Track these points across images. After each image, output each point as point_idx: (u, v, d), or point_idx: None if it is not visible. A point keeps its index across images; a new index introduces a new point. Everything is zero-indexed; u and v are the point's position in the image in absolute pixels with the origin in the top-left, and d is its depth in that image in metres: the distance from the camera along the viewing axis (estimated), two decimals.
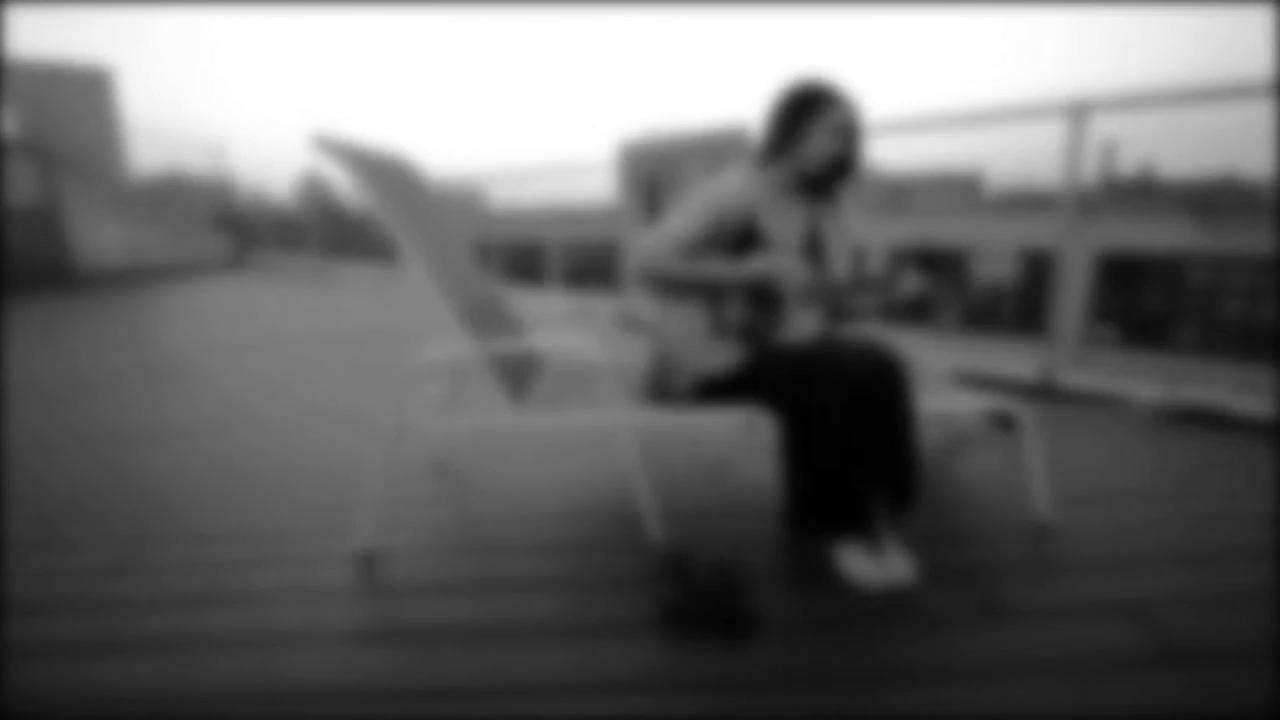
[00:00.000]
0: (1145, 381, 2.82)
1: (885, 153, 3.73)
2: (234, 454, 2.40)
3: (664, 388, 1.79)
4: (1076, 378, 2.96)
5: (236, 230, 13.63)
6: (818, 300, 1.70)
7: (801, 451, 1.52)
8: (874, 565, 1.49)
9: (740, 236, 1.69)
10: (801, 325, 1.71)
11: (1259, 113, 2.59)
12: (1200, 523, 1.71)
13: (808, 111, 1.64)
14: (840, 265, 1.80)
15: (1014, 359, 3.21)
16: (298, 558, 1.65)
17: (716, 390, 1.72)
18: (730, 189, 1.68)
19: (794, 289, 1.62)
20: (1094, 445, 2.29)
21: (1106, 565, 1.53)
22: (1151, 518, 1.75)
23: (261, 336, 4.92)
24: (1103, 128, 2.99)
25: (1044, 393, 2.93)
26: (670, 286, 1.70)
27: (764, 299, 1.69)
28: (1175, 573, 1.49)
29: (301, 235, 13.15)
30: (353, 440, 2.51)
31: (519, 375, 1.83)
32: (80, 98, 10.75)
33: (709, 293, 1.70)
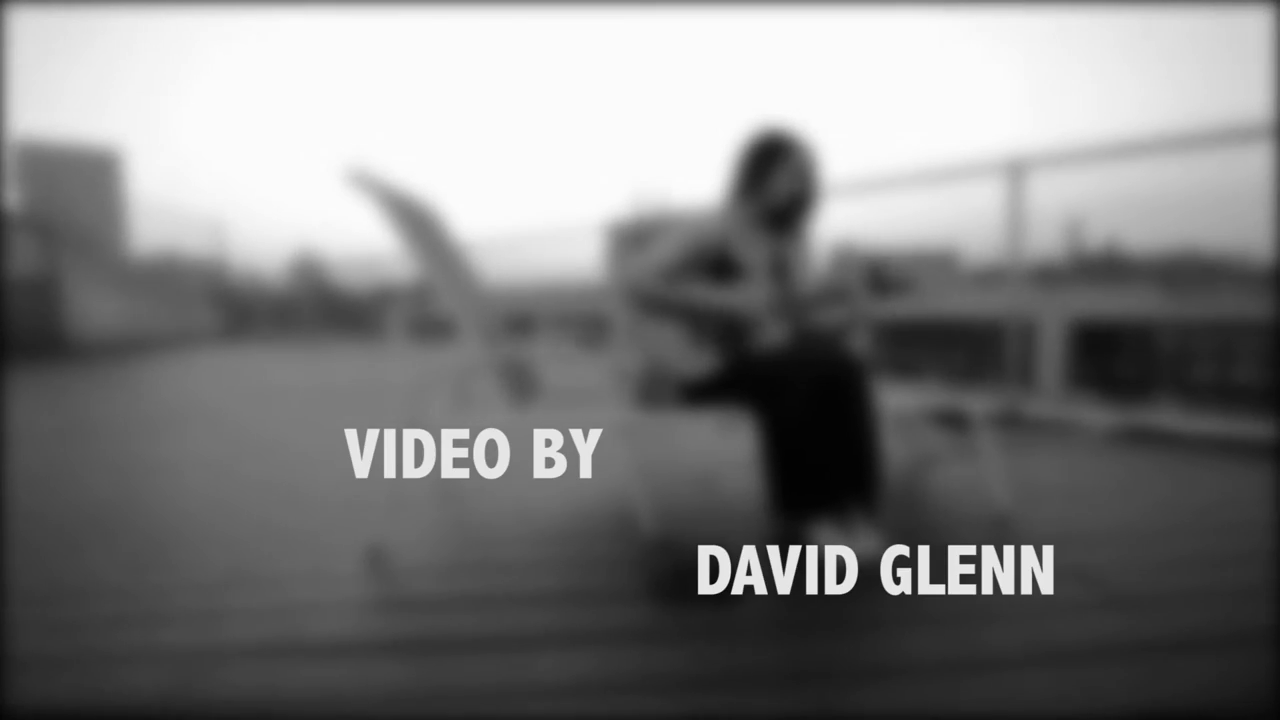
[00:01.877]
0: (1098, 409, 3.02)
1: (845, 216, 4.05)
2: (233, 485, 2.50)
3: (653, 396, 1.96)
4: (1037, 407, 3.16)
5: (230, 306, 13.87)
6: (784, 314, 1.90)
7: (778, 445, 1.69)
8: (845, 539, 1.63)
9: (716, 263, 1.92)
10: (772, 336, 1.90)
11: (1220, 184, 2.91)
12: (1138, 511, 1.88)
13: (769, 159, 1.90)
14: (803, 284, 2.02)
15: (980, 394, 3.42)
16: (311, 546, 1.75)
17: (699, 394, 1.89)
18: (706, 223, 1.92)
19: (759, 313, 1.84)
20: (1050, 460, 2.46)
21: (1056, 541, 1.68)
22: (1097, 508, 1.91)
23: (258, 391, 5.04)
24: (1048, 190, 3.31)
25: (1009, 421, 3.12)
26: (655, 306, 1.90)
27: (737, 317, 1.90)
28: (1116, 545, 1.65)
29: (294, 312, 13.41)
30: (351, 473, 2.63)
31: (524, 387, 1.99)
32: (87, 177, 11.15)
33: (690, 312, 1.90)
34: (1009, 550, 1.63)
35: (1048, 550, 1.62)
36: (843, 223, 4.15)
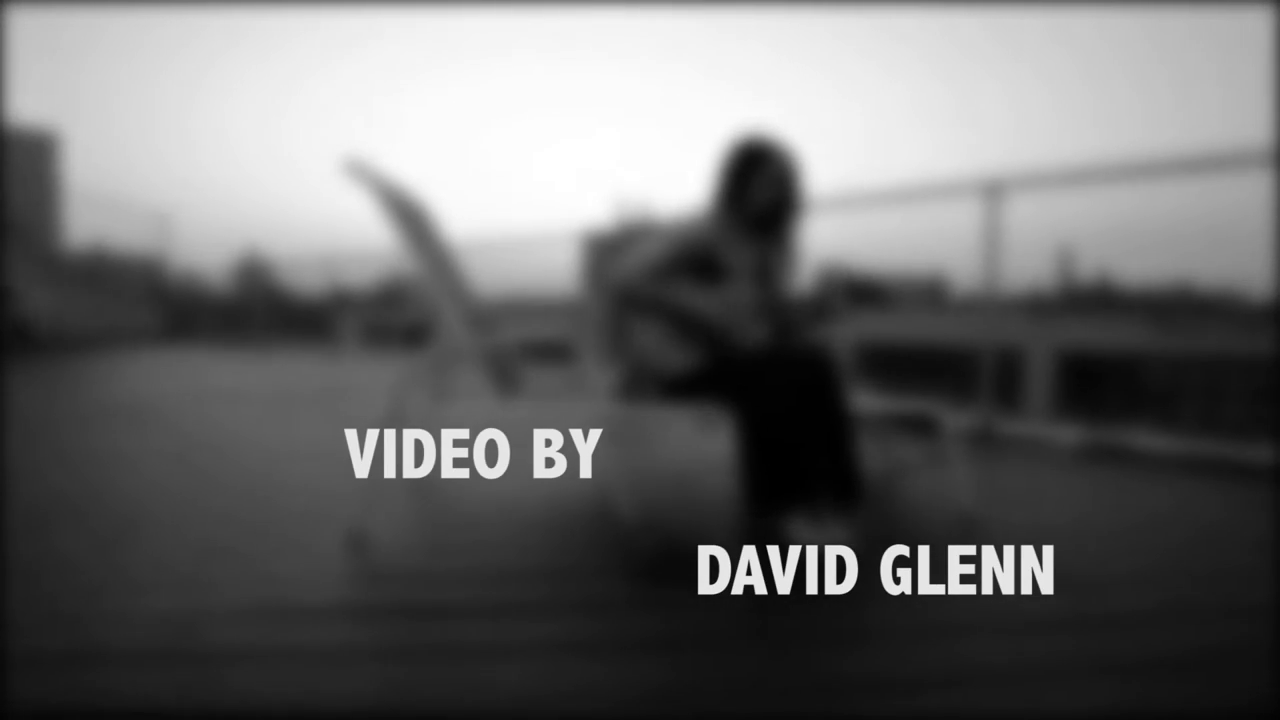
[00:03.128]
0: (1068, 428, 3.29)
1: (831, 237, 4.30)
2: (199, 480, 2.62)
3: (635, 392, 2.14)
4: (1010, 426, 3.42)
5: (171, 306, 13.76)
6: (766, 317, 2.10)
7: (754, 439, 1.88)
8: (817, 532, 1.82)
9: (702, 266, 2.12)
10: (753, 336, 2.11)
11: (1215, 214, 3.17)
12: (1096, 515, 2.11)
13: (749, 167, 2.11)
14: (785, 289, 2.24)
15: (957, 412, 3.68)
16: (292, 540, 1.89)
17: (680, 390, 2.08)
18: (692, 226, 2.13)
19: (741, 314, 2.04)
20: (1020, 473, 2.70)
21: (1019, 539, 1.89)
22: (1060, 512, 2.14)
23: (214, 391, 5.10)
24: (1035, 215, 3.58)
25: (983, 438, 3.37)
26: (640, 304, 2.10)
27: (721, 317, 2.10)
28: (1074, 540, 1.87)
29: (240, 315, 13.36)
30: (323, 469, 2.76)
31: (510, 380, 2.16)
32: (20, 160, 11.07)
33: (675, 312, 2.10)
34: (975, 549, 1.84)
35: (1008, 550, 1.83)
36: (829, 243, 4.41)
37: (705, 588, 1.56)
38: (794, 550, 1.79)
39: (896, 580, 1.62)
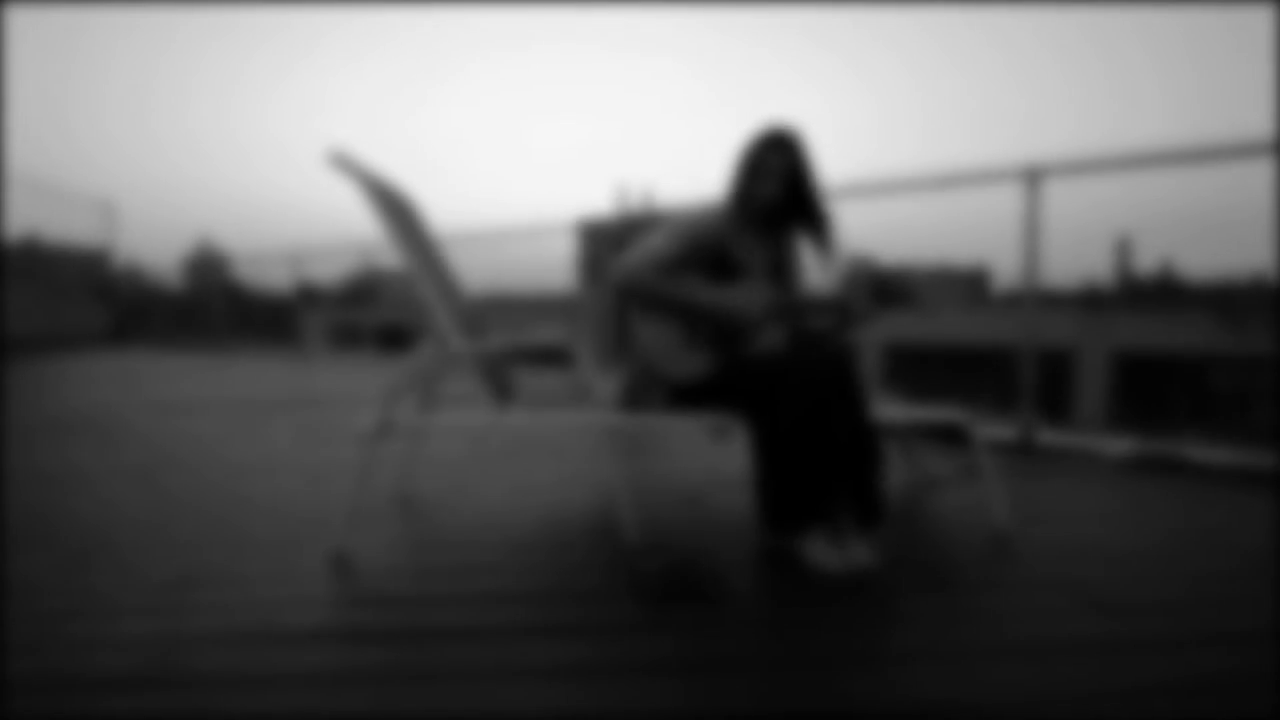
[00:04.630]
0: (1115, 438, 3.38)
1: (865, 226, 4.40)
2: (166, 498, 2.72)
3: (641, 398, 2.24)
4: (1054, 437, 3.51)
5: (119, 304, 13.88)
6: (781, 317, 2.19)
7: (770, 452, 1.98)
8: (837, 554, 1.91)
9: (713, 262, 2.21)
10: (768, 339, 2.20)
11: None
12: (1140, 533, 2.19)
13: (749, 155, 2.20)
14: (800, 288, 2.33)
15: (994, 421, 3.76)
16: (272, 550, 1.99)
17: (690, 398, 2.17)
18: (704, 218, 2.22)
19: (752, 314, 2.12)
20: (1060, 488, 2.79)
21: (1053, 558, 1.98)
22: (1101, 530, 2.23)
23: (173, 400, 5.21)
24: (1089, 204, 3.66)
25: (1023, 449, 3.45)
26: (647, 300, 2.19)
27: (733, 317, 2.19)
28: (1113, 560, 1.96)
29: (196, 314, 13.48)
30: (299, 484, 2.86)
31: (503, 387, 2.26)
32: None
33: (684, 309, 2.19)
34: (999, 568, 1.93)
35: (1040, 570, 1.92)
36: (853, 236, 4.50)
37: (716, 611, 1.65)
38: (812, 571, 1.88)
39: (920, 603, 1.71)
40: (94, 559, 1.98)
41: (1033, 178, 3.53)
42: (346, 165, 2.00)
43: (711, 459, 3.24)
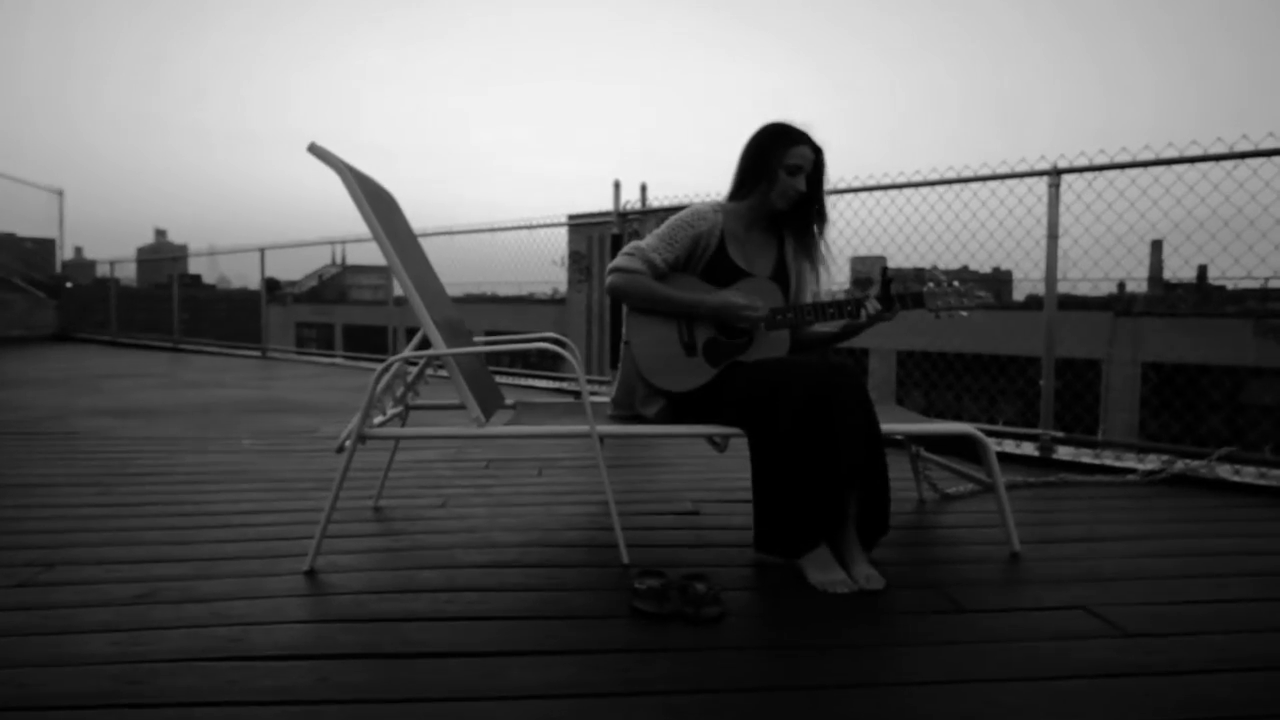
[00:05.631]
0: (1143, 453, 3.44)
1: (878, 229, 4.46)
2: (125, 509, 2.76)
3: (637, 406, 2.28)
4: (1077, 451, 3.57)
5: (67, 298, 13.87)
6: (783, 325, 2.24)
7: (770, 466, 2.02)
8: (843, 574, 1.96)
9: (714, 262, 2.26)
10: (769, 347, 2.25)
11: None
12: (1164, 553, 2.25)
13: (773, 149, 2.25)
14: (806, 293, 2.38)
15: (1011, 435, 3.83)
16: (248, 567, 2.03)
17: (688, 407, 2.22)
18: (703, 211, 2.27)
19: (753, 320, 2.17)
20: (1079, 505, 2.84)
21: (1067, 579, 2.03)
22: (1119, 550, 2.28)
23: (129, 404, 5.23)
24: (1121, 206, 3.72)
25: (1042, 463, 3.52)
26: (641, 305, 2.24)
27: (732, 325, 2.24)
28: (1130, 581, 2.02)
29: (151, 312, 13.49)
30: (267, 495, 2.90)
31: (486, 395, 2.30)
32: None
33: (681, 315, 2.24)
34: (1013, 590, 1.99)
35: (1054, 591, 1.98)
36: (863, 236, 4.56)
37: (712, 633, 1.70)
38: (813, 591, 1.93)
39: (928, 625, 1.76)
40: (50, 575, 2.02)
41: (1055, 177, 3.59)
42: (328, 156, 2.05)
43: (710, 471, 3.28)
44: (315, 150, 2.06)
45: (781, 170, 2.22)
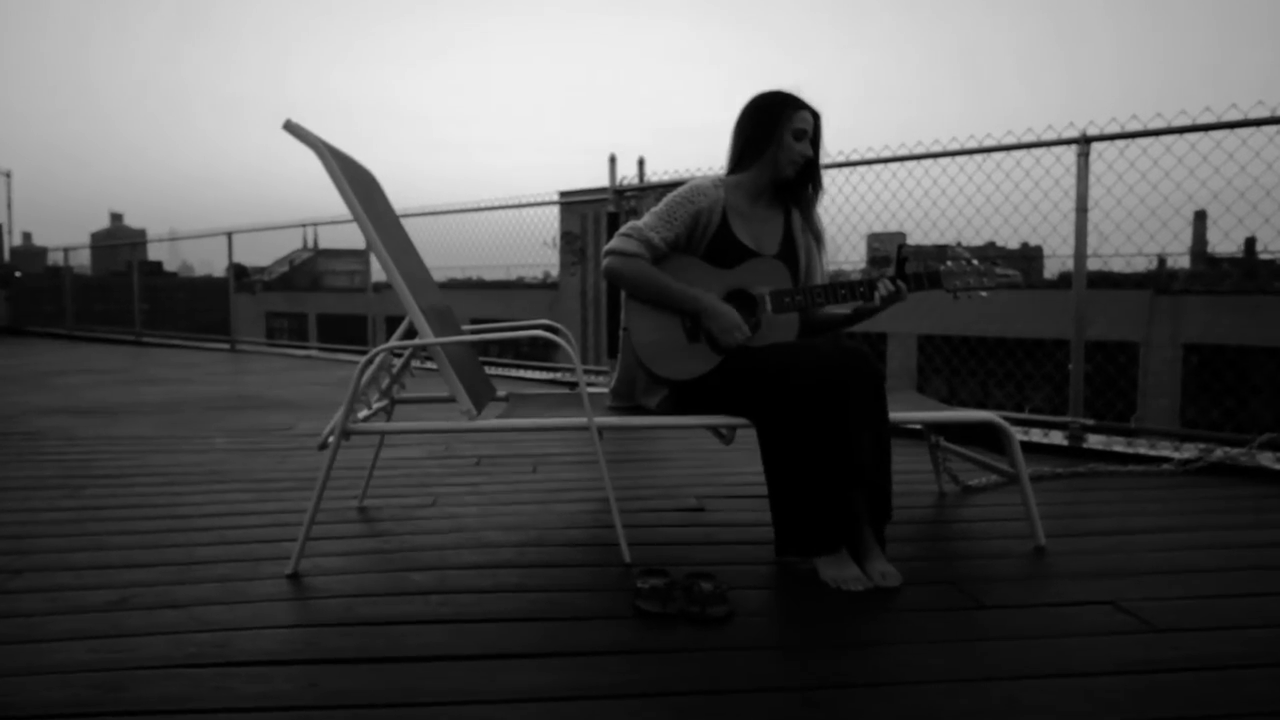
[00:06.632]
0: (1179, 440, 3.50)
1: (897, 202, 4.50)
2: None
3: (638, 396, 2.33)
4: (1109, 439, 3.63)
5: (16, 289, 13.90)
6: (792, 308, 2.28)
7: (782, 460, 2.06)
8: (857, 570, 2.01)
9: (717, 243, 2.30)
10: (778, 331, 2.29)
11: None
12: (1198, 546, 2.30)
13: (776, 115, 2.29)
14: (815, 271, 2.43)
15: (1037, 421, 3.89)
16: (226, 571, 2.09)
17: (692, 397, 2.27)
18: (704, 191, 2.31)
19: (725, 344, 2.21)
20: (1110, 496, 2.90)
21: (1094, 573, 2.09)
22: (1149, 543, 2.34)
23: (92, 401, 5.28)
24: (1156, 176, 3.77)
25: (1071, 453, 3.57)
26: (637, 292, 2.27)
27: (741, 305, 2.28)
28: (1159, 576, 2.08)
29: (110, 302, 13.53)
30: (245, 496, 2.95)
31: (477, 386, 2.35)
32: None
33: (675, 308, 2.28)
34: (1037, 586, 2.04)
35: (1080, 585, 2.03)
36: (878, 210, 4.60)
37: (720, 633, 1.75)
38: (826, 589, 1.99)
39: (947, 622, 1.81)
40: (18, 582, 2.07)
41: (1084, 144, 3.63)
42: (304, 133, 2.09)
43: (715, 464, 3.34)
44: (291, 128, 2.10)
45: (789, 135, 2.27)
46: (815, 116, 2.31)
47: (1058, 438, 3.78)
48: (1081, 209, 3.69)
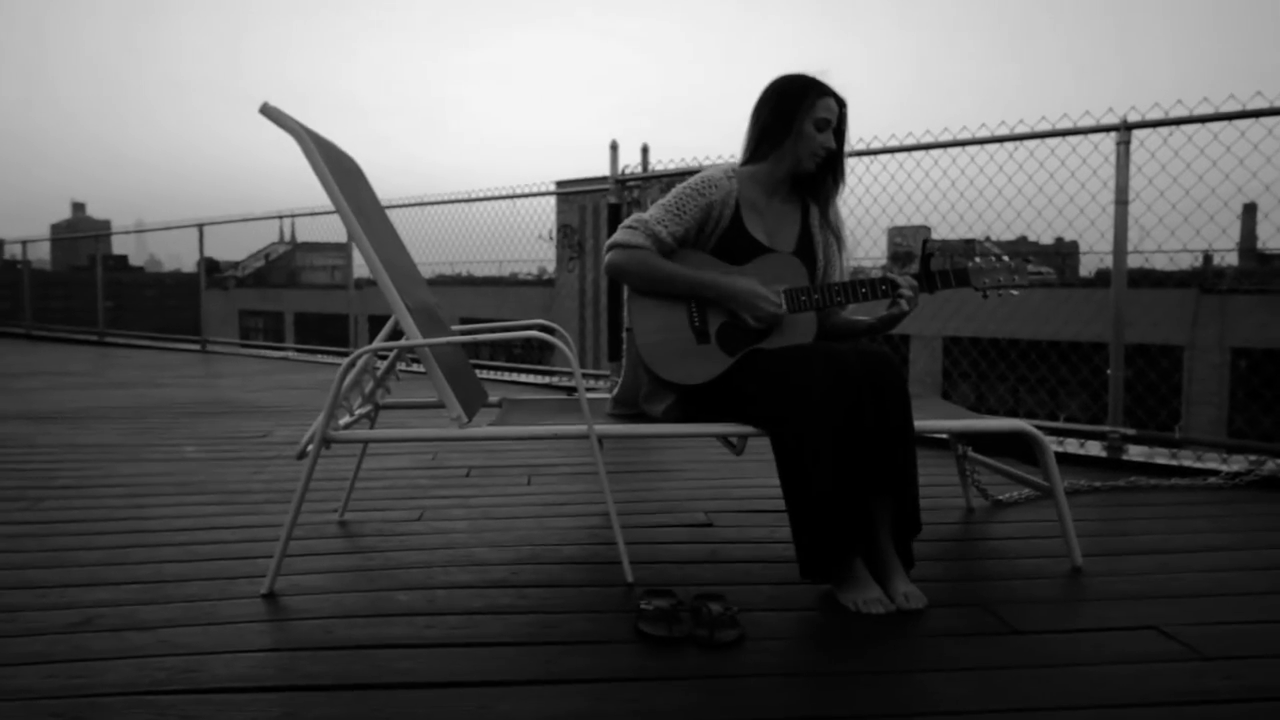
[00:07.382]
0: (1229, 453, 3.49)
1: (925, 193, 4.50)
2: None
3: (642, 402, 2.33)
4: (1152, 450, 3.62)
5: None
6: (807, 307, 2.28)
7: (798, 474, 2.05)
8: (879, 592, 2.01)
9: (728, 239, 2.30)
10: (794, 333, 2.28)
11: None
12: (1247, 567, 2.30)
13: (796, 103, 2.28)
14: (834, 270, 2.42)
15: (1077, 435, 3.88)
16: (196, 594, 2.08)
17: (701, 403, 2.26)
18: (717, 182, 2.30)
19: (758, 316, 2.21)
20: (1154, 511, 2.89)
21: (1135, 595, 2.08)
22: (1195, 563, 2.33)
23: (52, 406, 5.29)
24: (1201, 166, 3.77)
25: (1110, 465, 3.56)
26: (644, 286, 2.27)
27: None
28: (1206, 599, 2.07)
29: (67, 295, 13.56)
30: (216, 509, 2.95)
31: (468, 391, 2.35)
32: None
33: (689, 294, 2.27)
34: (1074, 610, 2.03)
35: (1120, 609, 2.02)
36: (901, 204, 4.59)
37: (730, 659, 1.75)
38: (845, 611, 1.98)
39: (977, 648, 1.81)
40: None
41: (1125, 131, 3.63)
42: (282, 117, 2.09)
43: (725, 477, 3.33)
44: (268, 111, 2.10)
45: (810, 125, 2.26)
46: (840, 104, 2.30)
47: (1095, 449, 3.78)
48: (1121, 201, 3.68)
